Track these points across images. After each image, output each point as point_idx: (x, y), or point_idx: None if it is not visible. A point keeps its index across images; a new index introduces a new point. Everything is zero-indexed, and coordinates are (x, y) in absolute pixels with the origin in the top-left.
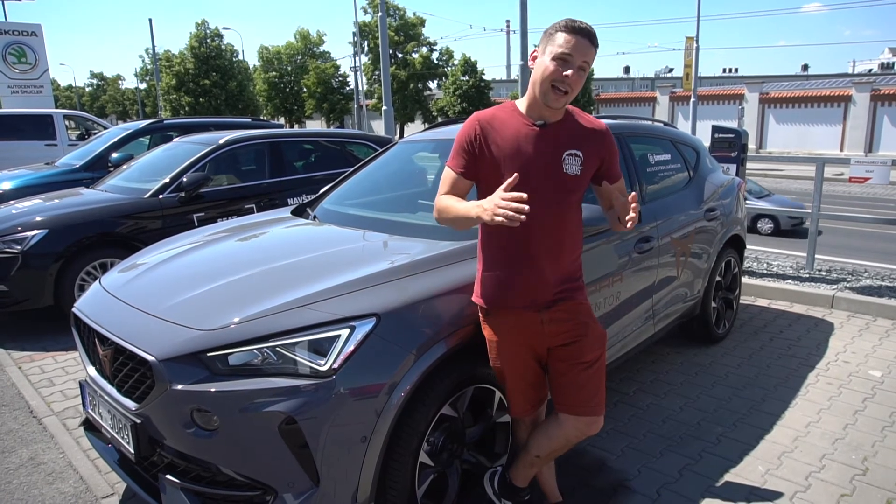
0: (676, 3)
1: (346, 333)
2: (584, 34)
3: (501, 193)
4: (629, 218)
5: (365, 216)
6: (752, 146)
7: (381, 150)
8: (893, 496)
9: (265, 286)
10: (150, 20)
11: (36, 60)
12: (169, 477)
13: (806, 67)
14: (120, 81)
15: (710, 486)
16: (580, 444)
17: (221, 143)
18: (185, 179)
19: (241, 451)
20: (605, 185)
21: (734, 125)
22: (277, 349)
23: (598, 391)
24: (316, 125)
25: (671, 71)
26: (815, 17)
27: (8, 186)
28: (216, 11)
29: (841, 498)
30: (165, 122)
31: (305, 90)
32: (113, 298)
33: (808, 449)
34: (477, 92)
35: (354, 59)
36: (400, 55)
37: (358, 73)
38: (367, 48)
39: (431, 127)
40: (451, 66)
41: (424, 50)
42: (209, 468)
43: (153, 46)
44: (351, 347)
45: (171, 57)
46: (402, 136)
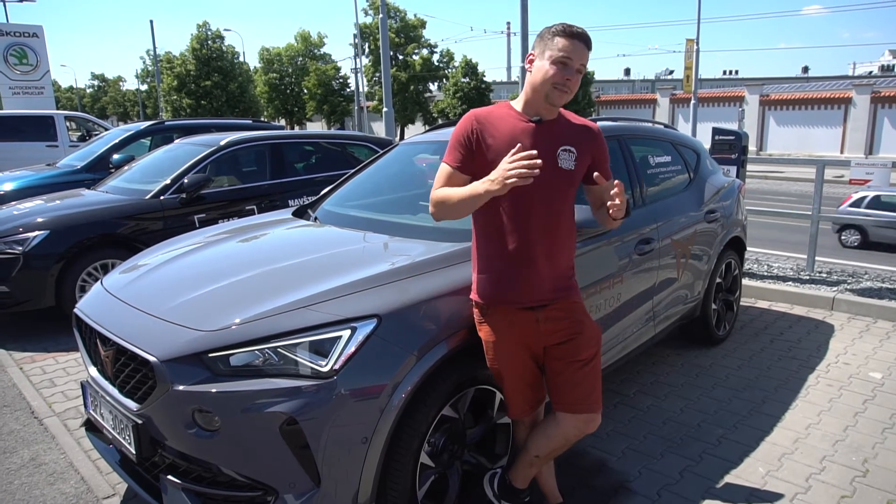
0: (677, 5)
1: (347, 334)
2: (580, 38)
3: (508, 157)
4: (612, 205)
5: (366, 218)
6: (752, 148)
7: (381, 151)
8: (894, 498)
9: (266, 287)
10: (151, 22)
11: (37, 62)
12: (170, 477)
13: (806, 69)
14: (121, 83)
15: (710, 487)
16: (580, 444)
17: (222, 144)
18: (186, 181)
19: (242, 451)
20: (593, 186)
21: (734, 127)
22: (279, 350)
23: (594, 388)
24: (316, 127)
25: (671, 73)
26: (815, 19)
27: (9, 187)
28: (217, 13)
29: (841, 499)
30: (166, 123)
31: (306, 92)
32: (115, 299)
33: (808, 450)
34: (477, 94)
35: (355, 60)
36: (400, 57)
37: (358, 74)
38: (367, 50)
39: (432, 129)
40: (451, 67)
41: (425, 52)
42: (210, 469)
43: (154, 48)
44: (352, 348)
45: (172, 58)
46: (402, 137)
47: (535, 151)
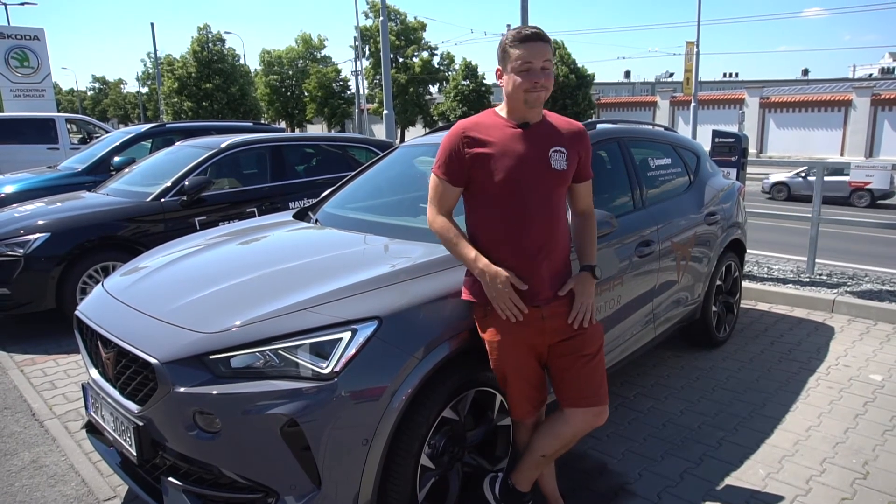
0: (677, 7)
1: (347, 336)
2: (534, 38)
3: (512, 293)
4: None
5: (366, 220)
6: (752, 150)
7: (382, 154)
8: (894, 500)
9: (267, 289)
10: (152, 24)
11: (38, 64)
12: (171, 479)
13: (806, 72)
14: (122, 85)
15: (710, 489)
16: (580, 447)
17: (223, 146)
18: (186, 183)
19: (243, 453)
20: (576, 184)
21: (735, 129)
22: (279, 352)
23: (602, 382)
24: (317, 129)
25: (672, 75)
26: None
27: (10, 190)
28: (218, 15)
29: (842, 501)
30: (167, 125)
31: (307, 94)
32: (116, 301)
33: (808, 453)
34: (477, 96)
35: (355, 63)
36: (401, 59)
37: (359, 77)
38: (368, 52)
39: (432, 131)
40: (452, 70)
41: (425, 54)
42: (211, 470)
43: (155, 50)
44: (353, 350)
45: (172, 61)
46: (402, 140)
47: (526, 311)
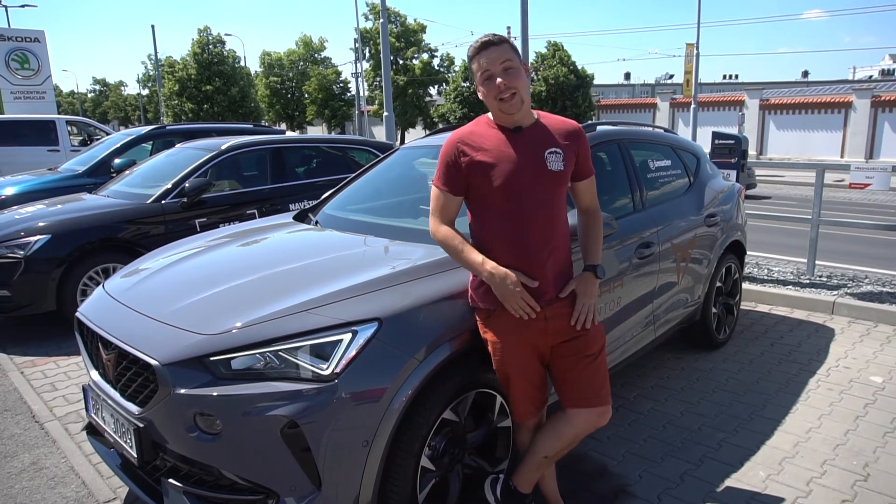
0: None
1: (348, 338)
2: (486, 46)
3: (524, 292)
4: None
5: (366, 221)
6: (752, 152)
7: (382, 155)
8: (895, 502)
9: (268, 291)
10: (152, 27)
11: (39, 66)
12: (171, 481)
13: (806, 74)
14: (122, 87)
15: (711, 491)
16: (581, 449)
17: (223, 148)
18: (187, 185)
19: (243, 454)
20: (577, 182)
21: (734, 131)
22: (280, 353)
23: (605, 381)
24: (317, 131)
25: (671, 77)
26: (815, 23)
27: (11, 192)
28: (218, 17)
29: (842, 503)
30: (168, 127)
31: (307, 96)
32: (116, 303)
33: (809, 454)
34: (477, 98)
35: (356, 65)
36: (401, 61)
37: (359, 79)
38: (368, 54)
39: (432, 133)
40: (452, 72)
41: (425, 56)
42: (212, 472)
43: (155, 52)
44: (353, 352)
45: (173, 63)
46: (403, 141)
47: (538, 308)
